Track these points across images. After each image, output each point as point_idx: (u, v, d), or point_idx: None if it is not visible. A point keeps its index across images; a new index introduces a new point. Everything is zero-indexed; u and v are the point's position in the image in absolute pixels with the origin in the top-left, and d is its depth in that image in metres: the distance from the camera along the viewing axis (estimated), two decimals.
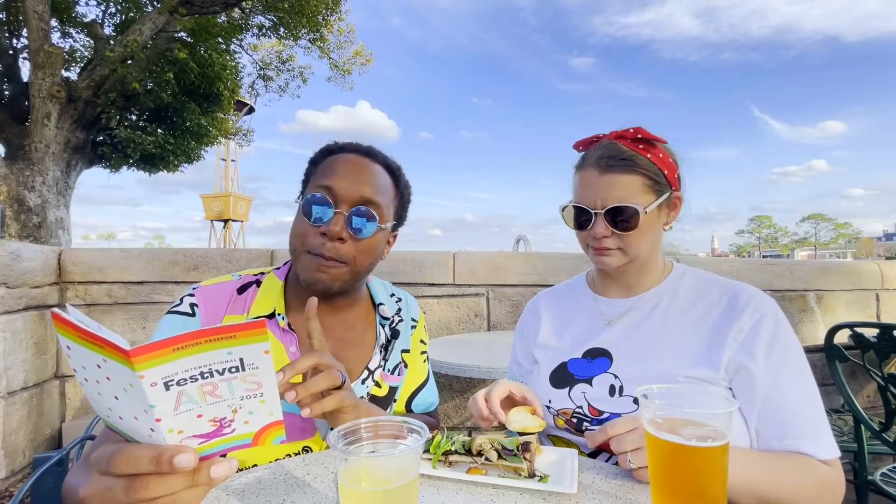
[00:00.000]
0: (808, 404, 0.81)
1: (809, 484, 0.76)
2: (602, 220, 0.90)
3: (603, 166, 0.91)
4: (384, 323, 1.04)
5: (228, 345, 0.43)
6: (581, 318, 1.03)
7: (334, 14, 10.22)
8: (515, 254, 3.74)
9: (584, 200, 0.93)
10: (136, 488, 0.44)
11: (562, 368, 0.98)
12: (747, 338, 0.84)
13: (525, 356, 1.10)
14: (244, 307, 0.93)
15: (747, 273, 3.35)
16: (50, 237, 6.66)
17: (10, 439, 2.31)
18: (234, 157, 34.66)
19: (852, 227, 77.01)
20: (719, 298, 0.90)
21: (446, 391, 2.97)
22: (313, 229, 0.88)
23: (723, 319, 0.87)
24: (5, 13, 7.72)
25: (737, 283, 0.93)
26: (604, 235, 0.91)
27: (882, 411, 1.88)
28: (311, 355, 0.74)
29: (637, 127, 0.93)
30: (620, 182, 0.90)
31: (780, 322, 0.85)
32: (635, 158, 0.91)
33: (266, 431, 0.50)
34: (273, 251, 3.02)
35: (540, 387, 0.98)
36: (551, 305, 1.12)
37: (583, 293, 1.08)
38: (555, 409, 0.94)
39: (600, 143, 0.95)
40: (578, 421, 0.90)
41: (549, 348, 1.03)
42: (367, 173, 0.92)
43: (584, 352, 0.97)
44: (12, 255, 2.36)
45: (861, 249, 73.43)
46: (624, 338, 0.95)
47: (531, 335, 1.10)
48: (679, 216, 0.99)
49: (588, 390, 0.91)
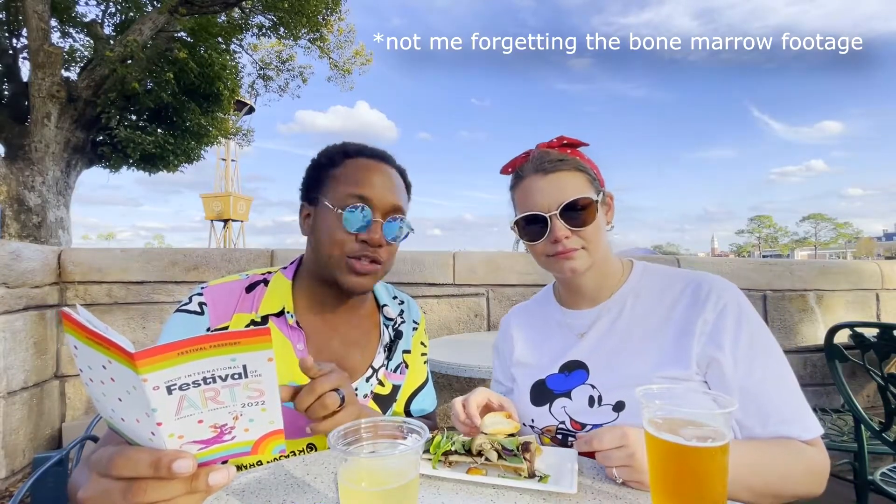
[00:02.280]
0: (785, 387, 0.82)
1: (799, 471, 0.77)
2: (558, 220, 0.89)
3: (544, 170, 0.92)
4: (388, 324, 1.06)
5: (232, 351, 0.43)
6: (554, 335, 1.02)
7: (334, 14, 10.22)
8: (515, 254, 3.74)
9: (534, 207, 0.91)
10: (135, 492, 0.44)
11: (540, 385, 0.97)
12: (713, 329, 0.84)
13: (504, 375, 1.10)
14: (252, 306, 0.94)
15: (747, 273, 3.35)
16: (50, 237, 6.66)
17: (10, 439, 2.31)
18: (234, 157, 34.70)
19: (852, 227, 77.08)
20: (682, 292, 0.90)
21: (446, 391, 2.97)
22: (352, 236, 0.91)
23: (687, 313, 0.87)
24: (5, 13, 7.72)
25: (698, 273, 0.92)
26: (565, 236, 0.89)
27: (882, 411, 1.88)
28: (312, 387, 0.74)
29: (560, 136, 0.97)
30: (566, 179, 0.91)
31: (743, 308, 0.86)
32: (570, 158, 0.93)
33: (266, 440, 0.50)
34: (273, 251, 3.02)
35: (521, 406, 0.97)
36: (523, 323, 1.10)
37: (552, 308, 1.07)
38: (538, 427, 0.94)
39: (531, 155, 0.97)
40: (563, 437, 0.91)
41: (526, 366, 1.03)
42: (392, 180, 0.97)
43: (561, 366, 0.96)
44: (12, 255, 2.36)
45: (861, 249, 73.44)
46: (597, 347, 0.94)
47: (507, 354, 1.09)
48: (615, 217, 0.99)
49: (568, 404, 0.91)
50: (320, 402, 0.73)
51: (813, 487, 0.78)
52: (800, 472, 0.77)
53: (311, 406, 0.73)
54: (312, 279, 0.99)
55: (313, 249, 0.97)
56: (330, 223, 0.92)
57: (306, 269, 1.00)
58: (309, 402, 0.73)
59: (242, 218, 34.30)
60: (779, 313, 3.31)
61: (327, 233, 0.92)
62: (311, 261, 0.99)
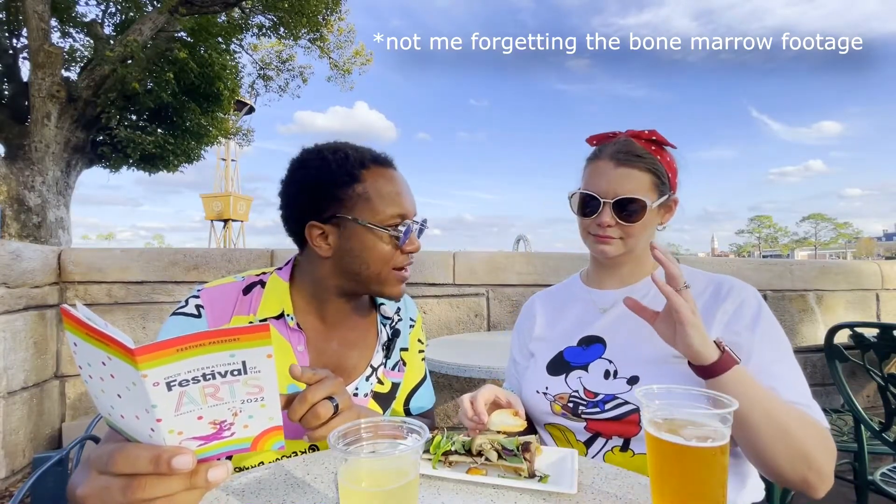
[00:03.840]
0: (798, 380, 0.83)
1: (815, 432, 0.75)
2: (609, 209, 0.95)
3: (619, 160, 0.96)
4: (385, 322, 1.07)
5: (232, 347, 0.43)
6: (575, 309, 1.07)
7: (334, 14, 10.22)
8: (515, 254, 3.74)
9: (595, 189, 0.97)
10: (134, 488, 0.44)
11: (558, 357, 1.01)
12: (732, 318, 0.88)
13: (522, 353, 1.13)
14: (250, 308, 0.94)
15: (747, 273, 3.35)
16: (50, 237, 6.66)
17: (10, 439, 2.31)
18: (234, 157, 34.67)
19: (852, 227, 77.06)
20: (704, 288, 0.95)
21: (446, 391, 2.97)
22: (398, 251, 0.94)
23: (708, 305, 0.92)
24: (5, 13, 7.71)
25: (721, 275, 0.98)
26: (608, 224, 0.95)
27: (882, 411, 1.88)
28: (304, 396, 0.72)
29: (652, 130, 1.00)
30: (632, 176, 0.95)
31: (761, 308, 0.90)
32: (648, 157, 0.97)
33: (265, 436, 0.50)
34: (273, 251, 3.02)
35: (537, 376, 1.01)
36: (546, 303, 1.15)
37: (577, 288, 1.12)
38: (551, 394, 0.96)
39: (616, 138, 1.01)
40: (575, 405, 0.93)
41: (544, 340, 1.07)
42: (407, 184, 0.99)
43: (579, 340, 1.01)
44: (12, 255, 2.36)
45: (861, 249, 73.44)
46: (617, 324, 0.98)
47: (527, 332, 1.13)
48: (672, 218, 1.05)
49: (584, 375, 0.95)
50: (313, 412, 0.71)
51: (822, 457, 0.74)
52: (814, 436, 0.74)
53: (304, 416, 0.71)
54: (316, 286, 0.97)
55: (344, 268, 0.93)
56: (374, 243, 0.91)
57: (312, 278, 0.97)
58: (301, 412, 0.71)
59: (242, 218, 34.28)
60: (779, 313, 3.32)
61: (374, 252, 0.91)
62: (335, 276, 0.95)
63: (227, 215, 32.93)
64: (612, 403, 0.89)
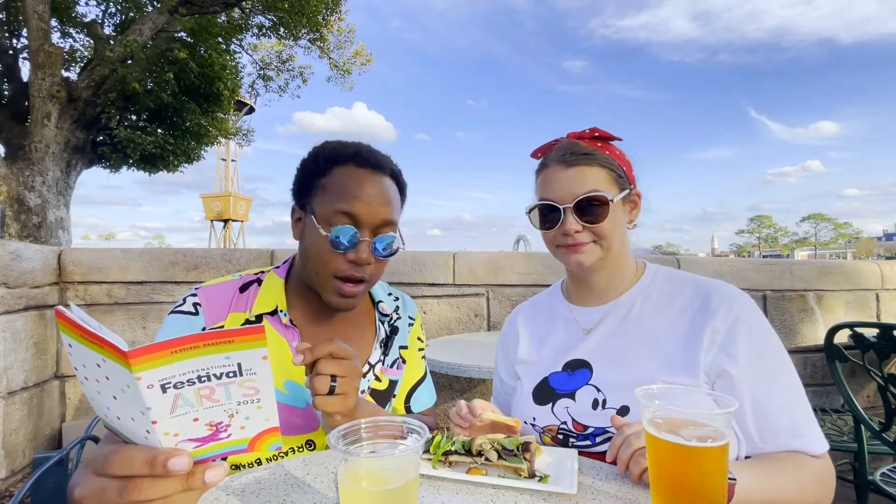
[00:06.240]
0: (796, 401, 0.81)
1: (811, 487, 0.76)
2: (572, 213, 0.90)
3: (567, 161, 0.92)
4: (384, 319, 1.06)
5: (227, 349, 0.43)
6: (559, 330, 1.02)
7: (334, 14, 10.21)
8: (515, 254, 3.74)
9: (552, 196, 0.92)
10: (130, 490, 0.44)
11: (544, 384, 0.97)
12: (725, 339, 0.82)
13: (508, 373, 1.10)
14: (247, 305, 0.95)
15: (747, 273, 3.35)
16: (50, 237, 6.65)
17: (10, 439, 2.31)
18: (234, 157, 34.65)
19: (852, 227, 77.02)
20: (692, 299, 0.89)
21: (446, 391, 2.97)
22: (339, 256, 0.88)
23: (696, 321, 0.86)
24: (5, 13, 7.70)
25: (710, 281, 0.91)
26: (576, 230, 0.90)
27: (882, 411, 1.88)
28: (329, 343, 0.75)
29: (594, 127, 0.97)
30: (587, 174, 0.91)
31: (756, 320, 0.84)
32: (597, 153, 0.93)
33: (262, 437, 0.50)
34: (273, 251, 3.02)
35: (523, 404, 0.97)
36: (529, 319, 1.10)
37: (559, 304, 1.06)
38: (539, 426, 0.93)
39: (559, 143, 0.97)
40: (564, 437, 0.90)
41: (529, 363, 1.03)
42: (382, 192, 0.91)
43: (564, 364, 0.96)
44: (12, 255, 2.36)
45: (861, 249, 73.40)
46: (602, 346, 0.93)
47: (511, 351, 1.09)
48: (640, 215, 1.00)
49: (571, 405, 0.90)
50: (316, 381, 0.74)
51: (823, 497, 0.77)
52: (811, 484, 0.76)
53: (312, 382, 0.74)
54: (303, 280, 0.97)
55: (301, 258, 0.95)
56: (316, 239, 0.88)
57: (298, 271, 0.99)
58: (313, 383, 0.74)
59: (242, 218, 34.26)
60: (779, 313, 3.31)
61: (314, 249, 0.89)
62: (301, 267, 0.96)
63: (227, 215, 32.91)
64: (603, 437, 0.85)
